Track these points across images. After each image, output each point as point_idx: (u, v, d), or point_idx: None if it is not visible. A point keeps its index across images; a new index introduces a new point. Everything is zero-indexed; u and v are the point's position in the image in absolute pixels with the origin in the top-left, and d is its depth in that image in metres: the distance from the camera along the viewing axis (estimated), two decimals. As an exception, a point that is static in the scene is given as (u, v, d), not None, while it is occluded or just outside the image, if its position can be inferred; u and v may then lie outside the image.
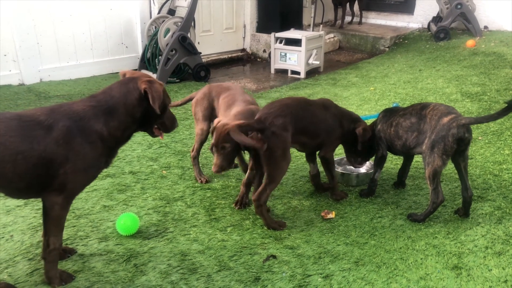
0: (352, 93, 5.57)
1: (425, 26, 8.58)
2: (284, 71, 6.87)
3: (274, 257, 2.49)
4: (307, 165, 3.24)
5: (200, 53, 6.24)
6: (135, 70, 6.21)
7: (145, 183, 3.30)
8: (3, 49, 5.35)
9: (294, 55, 6.65)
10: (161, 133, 2.47)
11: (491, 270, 2.36)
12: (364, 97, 5.36)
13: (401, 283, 2.28)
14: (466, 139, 2.66)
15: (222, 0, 7.36)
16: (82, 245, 2.57)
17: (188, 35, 6.01)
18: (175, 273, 2.34)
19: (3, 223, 2.76)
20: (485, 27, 8.06)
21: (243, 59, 7.93)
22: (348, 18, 9.20)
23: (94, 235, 2.67)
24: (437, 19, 8.19)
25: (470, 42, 7.17)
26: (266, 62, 7.60)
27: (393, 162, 3.62)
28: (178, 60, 5.99)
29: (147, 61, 6.15)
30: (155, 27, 6.25)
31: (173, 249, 2.55)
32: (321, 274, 2.35)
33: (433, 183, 2.72)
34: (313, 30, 7.39)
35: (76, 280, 2.28)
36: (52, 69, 5.80)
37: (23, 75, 5.56)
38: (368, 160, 3.31)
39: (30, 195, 2.19)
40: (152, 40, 6.11)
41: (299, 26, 7.96)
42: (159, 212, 2.94)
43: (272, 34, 6.77)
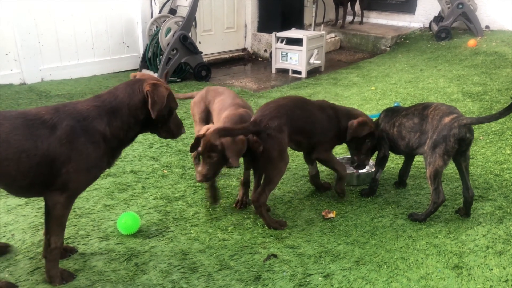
0: (353, 93, 5.57)
1: (427, 25, 8.57)
2: (285, 71, 6.86)
3: (274, 256, 2.49)
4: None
5: (201, 52, 6.24)
6: (136, 69, 6.28)
7: (146, 183, 3.31)
8: (4, 49, 5.35)
9: (295, 54, 6.65)
10: (170, 137, 2.45)
11: (492, 269, 2.36)
12: (365, 97, 5.35)
13: (402, 283, 2.28)
14: (468, 139, 2.66)
15: (223, -1, 7.38)
16: (83, 244, 2.57)
17: (189, 34, 6.01)
18: (176, 272, 2.35)
19: (4, 222, 2.76)
20: (487, 26, 8.05)
21: (244, 59, 7.93)
22: (349, 18, 9.19)
23: (95, 234, 2.67)
24: (438, 18, 8.18)
25: (471, 42, 7.16)
26: (267, 61, 7.60)
27: (394, 162, 3.62)
28: (179, 60, 5.99)
29: (148, 61, 6.15)
30: (156, 27, 6.26)
31: (174, 248, 2.55)
32: (321, 273, 2.35)
33: (434, 183, 2.72)
34: (314, 30, 7.39)
35: (77, 279, 2.28)
36: (53, 68, 5.81)
37: (24, 75, 5.57)
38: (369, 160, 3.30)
39: (33, 193, 2.19)
40: (153, 39, 6.11)
41: (300, 25, 7.95)
42: (160, 211, 2.94)
43: (273, 34, 6.77)
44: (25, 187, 2.08)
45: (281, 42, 6.75)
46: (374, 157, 3.19)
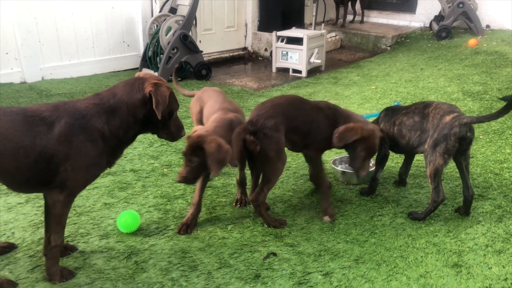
0: (354, 92, 5.57)
1: (427, 25, 8.57)
2: (286, 70, 6.87)
3: (274, 254, 2.49)
4: (308, 163, 3.24)
5: (202, 51, 6.25)
6: (136, 68, 6.28)
7: (146, 181, 3.31)
8: (5, 47, 5.36)
9: (295, 53, 6.65)
10: (169, 139, 2.43)
11: (491, 268, 2.36)
12: (366, 96, 5.36)
13: (401, 281, 2.28)
14: (468, 138, 2.66)
15: (224, -2, 7.38)
16: (83, 242, 2.58)
17: (190, 33, 6.01)
18: (176, 270, 2.35)
19: (4, 220, 2.77)
20: (487, 26, 8.05)
21: (245, 58, 7.93)
22: (349, 17, 9.20)
23: (95, 233, 2.67)
24: (439, 18, 8.18)
25: (472, 41, 7.16)
26: (267, 60, 7.60)
27: (394, 161, 3.62)
28: (180, 59, 5.99)
29: (149, 60, 6.15)
30: (157, 26, 6.26)
31: (173, 246, 2.56)
32: (321, 271, 2.35)
33: (434, 181, 2.72)
34: (314, 29, 7.39)
35: (77, 276, 2.29)
36: (53, 67, 5.81)
37: (25, 73, 5.58)
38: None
39: (32, 189, 2.20)
40: (153, 38, 6.11)
41: (300, 24, 7.96)
42: (160, 209, 2.94)
43: (273, 33, 6.77)
44: (24, 183, 2.08)
45: (282, 41, 6.75)
46: (374, 156, 3.19)
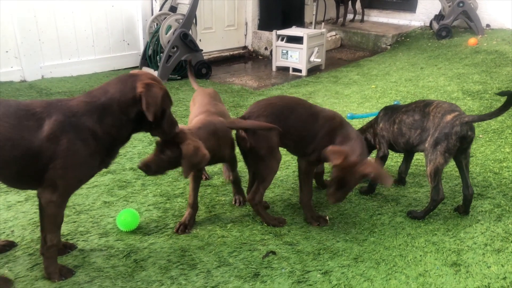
0: (354, 91, 5.57)
1: (427, 24, 8.57)
2: (286, 69, 6.87)
3: (273, 253, 2.49)
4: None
5: (202, 50, 6.24)
6: (136, 67, 6.28)
7: (145, 180, 3.31)
8: (5, 46, 5.36)
9: (295, 52, 6.65)
10: (162, 136, 2.35)
11: (490, 267, 2.37)
12: (365, 95, 5.36)
13: (400, 280, 2.28)
14: (469, 137, 2.66)
15: (224, -3, 7.38)
16: (83, 241, 2.58)
17: (190, 32, 6.01)
18: (175, 269, 2.35)
19: (4, 219, 2.77)
20: (487, 25, 8.05)
21: (245, 57, 7.93)
22: (350, 16, 9.19)
23: (94, 231, 2.68)
24: (439, 17, 8.18)
25: (472, 40, 7.16)
26: (267, 59, 7.60)
27: (393, 160, 3.62)
28: (180, 57, 5.99)
29: (149, 58, 6.15)
30: (157, 24, 6.26)
31: (173, 245, 2.56)
32: (320, 270, 2.36)
33: (434, 180, 2.71)
34: (314, 28, 7.39)
35: (76, 275, 2.29)
36: (53, 65, 5.81)
37: (24, 72, 5.57)
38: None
39: (23, 185, 2.18)
40: (153, 37, 6.11)
41: (300, 23, 7.96)
42: (159, 208, 2.94)
43: (273, 32, 6.77)
44: (13, 177, 2.07)
45: (282, 40, 6.75)
46: (374, 155, 3.19)
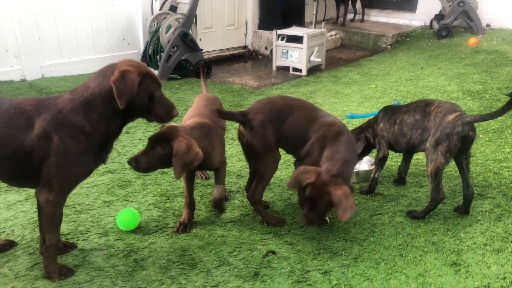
0: (354, 91, 5.57)
1: (427, 24, 8.57)
2: (286, 68, 6.87)
3: (273, 252, 2.49)
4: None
5: (202, 49, 6.24)
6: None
7: (145, 179, 3.31)
8: (5, 45, 5.36)
9: (295, 52, 6.65)
10: (159, 121, 2.26)
11: (489, 267, 2.37)
12: (366, 95, 5.36)
13: (400, 280, 2.28)
14: (470, 137, 2.66)
15: (224, -3, 7.37)
16: (83, 240, 2.58)
17: (190, 31, 6.01)
18: (175, 268, 2.35)
19: (4, 218, 2.77)
20: (488, 25, 8.04)
21: (245, 56, 7.93)
22: (350, 16, 9.19)
23: (94, 230, 2.68)
24: (439, 17, 8.18)
25: (472, 40, 7.16)
26: (267, 59, 7.60)
27: (393, 160, 3.63)
28: (180, 57, 5.99)
29: (149, 58, 6.15)
30: (157, 24, 6.25)
31: (173, 244, 2.56)
32: (320, 270, 2.36)
33: (435, 180, 2.71)
34: (315, 27, 7.39)
35: (76, 274, 2.29)
36: (53, 65, 5.81)
37: (24, 71, 5.57)
38: None
39: (21, 184, 2.19)
40: (153, 36, 6.11)
41: (301, 23, 7.95)
42: (159, 207, 2.94)
43: (274, 31, 6.77)
44: (7, 175, 2.07)
45: (282, 39, 6.75)
46: (373, 154, 3.19)
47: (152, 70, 6.49)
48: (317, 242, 2.60)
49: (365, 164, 3.51)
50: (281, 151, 2.72)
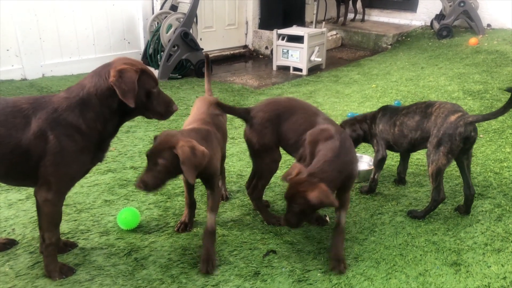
0: (354, 90, 5.57)
1: (428, 23, 8.57)
2: (286, 68, 6.87)
3: (274, 252, 2.50)
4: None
5: (202, 49, 6.25)
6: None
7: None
8: (5, 44, 5.36)
9: (296, 52, 6.65)
10: (158, 118, 2.22)
11: (490, 266, 2.37)
12: (366, 94, 5.36)
13: (400, 279, 2.29)
14: (472, 138, 2.66)
15: (225, -4, 7.37)
16: (83, 239, 2.58)
17: (190, 31, 6.01)
18: (176, 267, 2.36)
19: (5, 217, 2.77)
20: (488, 25, 8.05)
21: (245, 56, 7.93)
22: (350, 15, 9.19)
23: (95, 229, 2.68)
24: (440, 16, 8.18)
25: (472, 40, 7.16)
26: (268, 58, 7.60)
27: (394, 159, 3.62)
28: (180, 56, 6.00)
29: (149, 57, 6.15)
30: (157, 23, 6.26)
31: (173, 243, 2.56)
32: (320, 269, 2.36)
33: (436, 181, 2.71)
34: (315, 27, 7.39)
35: (77, 273, 2.29)
36: (54, 64, 5.81)
37: (25, 70, 5.58)
38: None
39: (17, 182, 2.18)
40: (154, 36, 6.11)
41: (301, 23, 7.96)
42: (160, 207, 2.95)
43: (274, 31, 6.77)
44: (5, 174, 2.07)
45: (282, 39, 6.75)
46: (372, 153, 3.19)
47: (152, 69, 6.43)
48: (317, 242, 2.60)
49: (365, 164, 3.51)
50: (283, 152, 2.72)
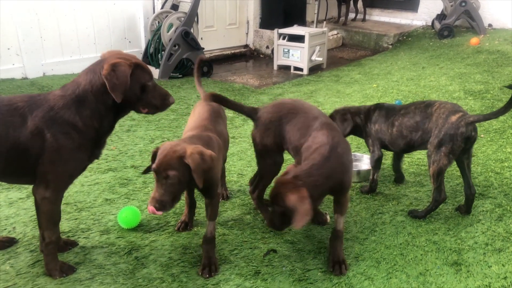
0: (355, 90, 5.57)
1: (429, 23, 8.56)
2: (287, 67, 6.87)
3: (274, 251, 2.49)
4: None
5: (203, 48, 6.25)
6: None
7: (147, 177, 3.31)
8: (6, 43, 5.36)
9: (297, 51, 6.65)
10: (154, 111, 2.21)
11: (490, 266, 2.37)
12: (367, 94, 5.35)
13: (401, 279, 2.28)
14: (473, 137, 2.65)
15: (226, -5, 7.37)
16: (84, 238, 2.58)
17: (191, 30, 6.01)
18: (176, 266, 2.36)
19: (5, 215, 2.77)
20: (489, 25, 8.04)
21: (246, 55, 7.93)
22: (351, 15, 9.19)
23: (95, 228, 2.68)
24: (441, 16, 8.17)
25: (474, 40, 7.15)
26: (269, 58, 7.60)
27: (394, 159, 3.63)
28: (181, 56, 6.00)
29: (150, 56, 6.15)
30: (158, 22, 6.26)
31: (174, 242, 2.56)
32: (321, 268, 2.36)
33: (437, 181, 2.70)
34: (316, 27, 7.39)
35: (77, 272, 2.29)
36: (55, 63, 5.82)
37: (26, 69, 5.58)
38: None
39: (16, 180, 2.19)
40: (155, 35, 6.11)
41: (302, 22, 7.95)
42: (160, 206, 2.94)
43: (275, 30, 6.77)
44: (4, 172, 2.07)
45: (283, 38, 6.75)
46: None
47: (153, 68, 6.44)
48: (318, 241, 2.60)
49: (366, 164, 3.51)
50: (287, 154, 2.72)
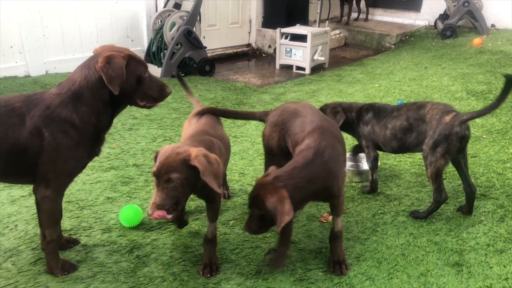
0: (357, 90, 5.56)
1: (432, 23, 8.55)
2: (289, 67, 6.86)
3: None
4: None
5: (206, 47, 6.25)
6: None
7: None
8: (9, 41, 5.37)
9: (299, 50, 6.65)
10: (152, 103, 2.21)
11: (492, 267, 2.36)
12: (369, 94, 5.35)
13: (402, 279, 2.28)
14: (467, 136, 2.66)
15: (228, -6, 7.37)
16: (85, 236, 2.59)
17: (194, 29, 6.01)
18: (177, 265, 2.36)
19: (7, 213, 2.78)
20: (492, 25, 8.02)
21: (248, 54, 7.93)
22: (354, 15, 9.17)
23: (97, 226, 2.68)
24: (444, 16, 8.16)
25: (476, 40, 7.14)
26: (271, 57, 7.60)
27: (396, 159, 3.62)
28: (183, 54, 6.00)
29: (153, 55, 6.16)
30: (161, 21, 6.26)
31: (175, 241, 2.57)
32: (322, 268, 2.36)
33: (436, 182, 2.70)
34: (318, 26, 7.38)
35: (79, 270, 2.29)
36: (58, 61, 5.82)
37: (29, 67, 5.59)
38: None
39: (17, 180, 2.19)
40: (157, 34, 6.11)
41: (304, 22, 7.95)
42: (162, 204, 2.94)
43: (277, 30, 6.76)
44: (5, 173, 2.07)
45: (286, 38, 6.75)
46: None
47: (155, 67, 6.43)
48: (319, 241, 2.60)
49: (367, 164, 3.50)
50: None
